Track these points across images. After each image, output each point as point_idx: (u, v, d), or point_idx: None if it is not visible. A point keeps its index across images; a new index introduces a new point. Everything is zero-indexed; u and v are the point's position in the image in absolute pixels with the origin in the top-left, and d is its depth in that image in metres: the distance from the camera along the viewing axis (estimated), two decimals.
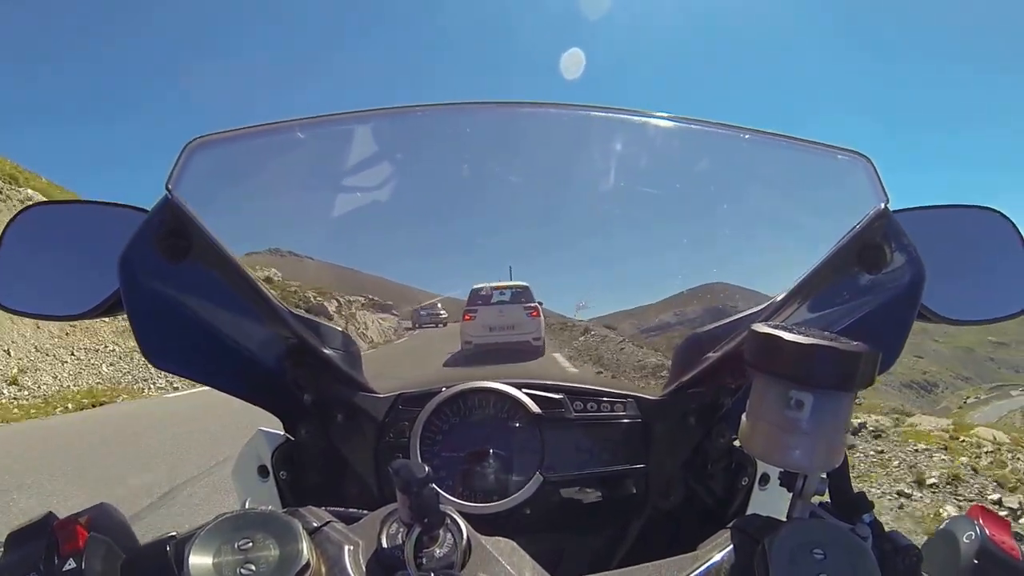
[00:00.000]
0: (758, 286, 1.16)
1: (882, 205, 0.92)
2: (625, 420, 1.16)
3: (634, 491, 1.14)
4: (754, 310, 1.10)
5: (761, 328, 0.69)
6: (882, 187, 0.94)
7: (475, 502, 1.07)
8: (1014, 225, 1.11)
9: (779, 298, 1.02)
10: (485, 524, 0.73)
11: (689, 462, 1.14)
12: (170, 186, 0.89)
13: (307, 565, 0.56)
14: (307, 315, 1.14)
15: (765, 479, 1.13)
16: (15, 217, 1.12)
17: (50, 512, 0.65)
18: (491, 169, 1.30)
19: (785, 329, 0.67)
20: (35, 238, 1.13)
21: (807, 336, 0.65)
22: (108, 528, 0.65)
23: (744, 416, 0.73)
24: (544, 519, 1.10)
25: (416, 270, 1.53)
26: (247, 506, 0.62)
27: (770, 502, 1.10)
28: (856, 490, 0.72)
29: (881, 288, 0.96)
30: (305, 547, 0.57)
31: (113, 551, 0.64)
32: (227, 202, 1.11)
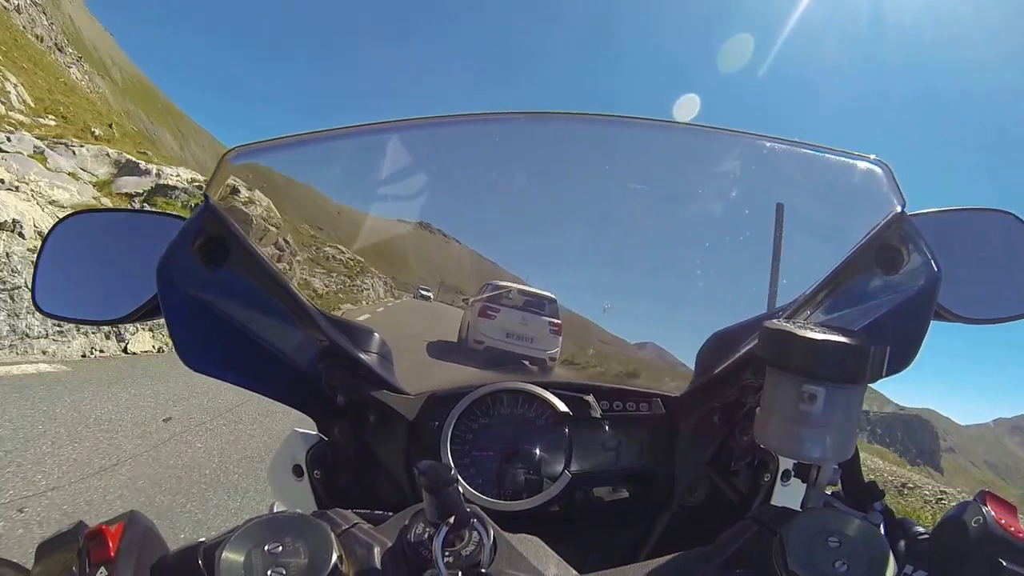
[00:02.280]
0: (780, 287, 1.18)
1: (899, 208, 0.94)
2: (650, 418, 1.17)
3: (660, 488, 1.15)
4: (775, 310, 1.12)
5: (773, 325, 0.71)
6: (899, 191, 0.96)
7: (505, 500, 1.08)
8: None
9: (800, 298, 1.04)
10: (514, 522, 0.75)
11: (714, 459, 1.16)
12: (209, 194, 0.93)
13: (336, 567, 0.57)
14: (341, 318, 1.16)
15: (787, 475, 1.14)
16: (55, 226, 1.16)
17: (80, 521, 0.67)
18: (526, 180, 1.33)
19: (796, 325, 0.70)
20: (74, 246, 1.16)
21: (817, 332, 0.67)
22: (138, 536, 0.66)
23: (758, 410, 0.75)
24: (571, 516, 1.11)
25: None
26: (276, 509, 0.64)
27: (792, 498, 1.11)
28: (867, 479, 0.74)
29: (898, 289, 0.98)
30: (334, 549, 0.58)
31: (143, 559, 0.64)
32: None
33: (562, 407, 1.14)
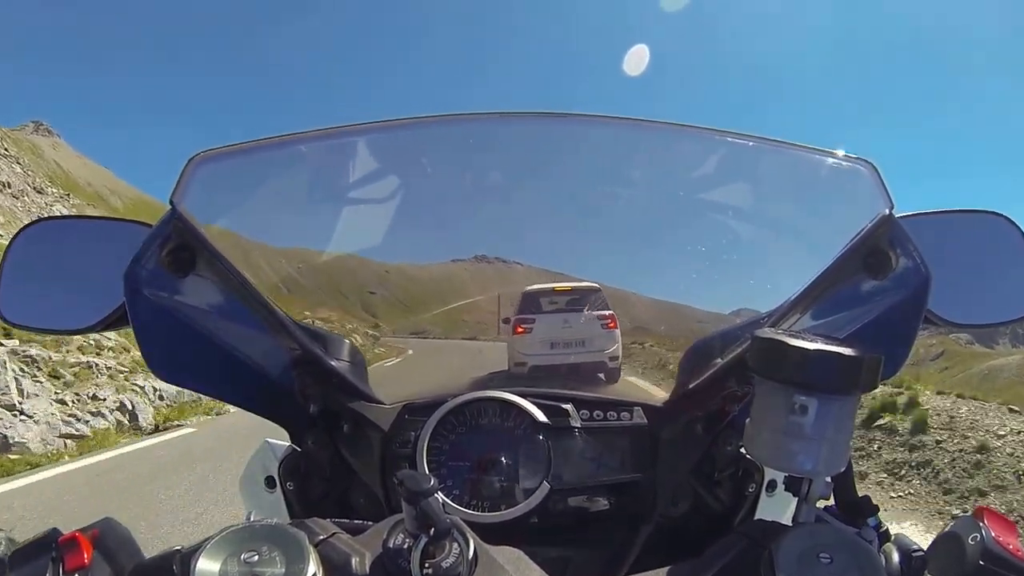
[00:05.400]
0: (764, 292, 1.16)
1: (887, 210, 0.92)
2: (631, 428, 1.15)
3: (641, 499, 1.13)
4: (760, 316, 1.10)
5: (764, 334, 0.69)
6: (887, 192, 0.94)
7: (482, 511, 1.06)
8: (1020, 229, 1.11)
9: (785, 304, 1.02)
10: (492, 533, 0.73)
11: (697, 469, 1.14)
12: (175, 200, 0.90)
13: None
14: (312, 326, 1.14)
15: (772, 485, 1.13)
16: (20, 231, 1.13)
17: (54, 528, 0.65)
18: (489, 178, 1.30)
19: (788, 335, 0.68)
20: (40, 253, 1.14)
21: (810, 341, 0.66)
22: (113, 543, 0.66)
23: (748, 421, 0.73)
24: (551, 528, 1.09)
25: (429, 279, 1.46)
26: (252, 518, 0.62)
27: (777, 508, 1.10)
28: (860, 493, 0.72)
29: (887, 293, 0.97)
30: (311, 559, 0.57)
31: (118, 566, 0.64)
32: (232, 215, 1.12)
33: (541, 417, 1.11)
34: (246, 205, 1.16)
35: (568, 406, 1.14)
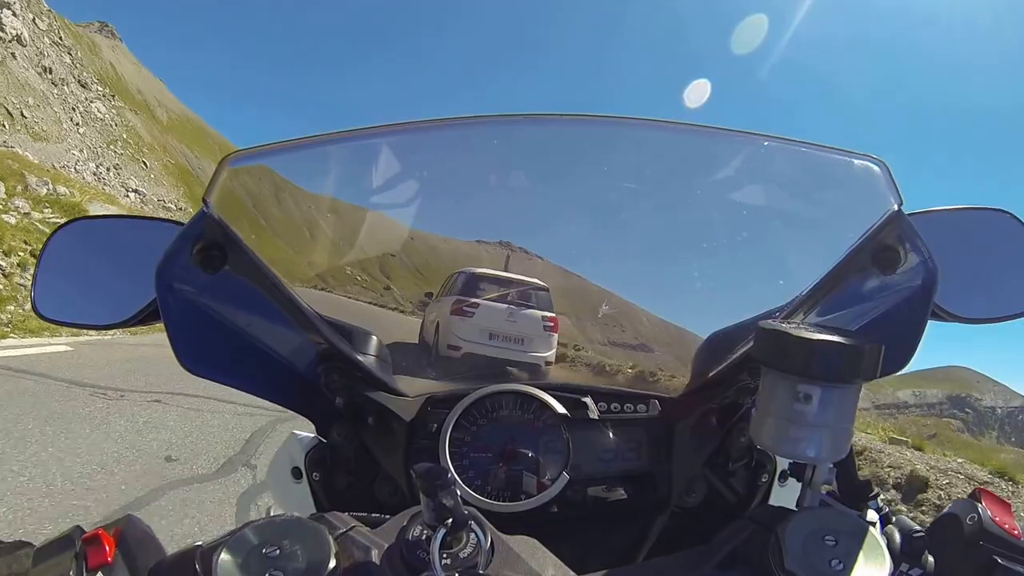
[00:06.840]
0: (775, 288, 1.18)
1: (896, 207, 0.93)
2: (648, 419, 1.17)
3: (657, 489, 1.15)
4: (772, 310, 1.12)
5: (768, 325, 0.72)
6: (896, 190, 0.95)
7: (503, 501, 1.08)
8: None
9: (796, 299, 1.04)
10: (512, 523, 0.75)
11: (711, 460, 1.16)
12: (207, 198, 0.93)
13: (334, 570, 0.58)
14: (338, 321, 1.16)
15: (784, 475, 1.15)
16: (56, 231, 1.16)
17: (77, 526, 0.66)
18: (529, 174, 1.31)
19: (791, 326, 0.70)
20: (75, 252, 1.16)
21: (812, 331, 0.68)
22: (135, 540, 0.66)
23: (754, 410, 0.75)
24: (569, 518, 1.11)
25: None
26: (273, 512, 0.64)
27: (790, 498, 1.11)
28: (862, 478, 0.74)
29: (895, 289, 0.98)
30: (332, 552, 0.59)
31: (140, 563, 0.65)
32: (262, 215, 1.14)
33: (560, 409, 1.13)
34: (278, 205, 1.19)
35: (587, 399, 1.16)
